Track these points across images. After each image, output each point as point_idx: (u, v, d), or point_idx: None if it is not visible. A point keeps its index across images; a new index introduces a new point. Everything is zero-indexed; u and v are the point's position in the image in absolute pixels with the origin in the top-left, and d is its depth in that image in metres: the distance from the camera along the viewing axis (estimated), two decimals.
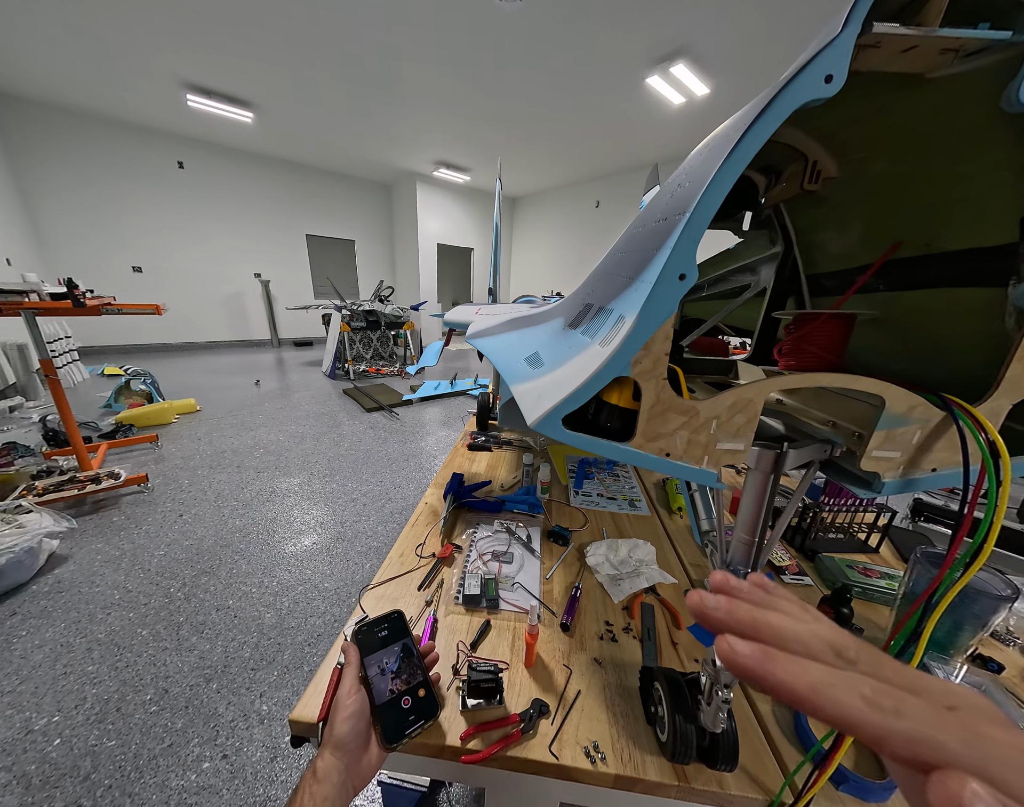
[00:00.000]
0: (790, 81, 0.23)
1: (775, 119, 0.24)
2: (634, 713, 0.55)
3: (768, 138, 0.24)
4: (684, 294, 0.27)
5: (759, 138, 0.24)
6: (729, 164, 0.24)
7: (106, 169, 5.49)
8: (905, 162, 0.34)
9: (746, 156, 0.24)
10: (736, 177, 0.25)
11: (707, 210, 0.26)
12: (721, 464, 0.33)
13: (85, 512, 2.17)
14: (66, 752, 1.10)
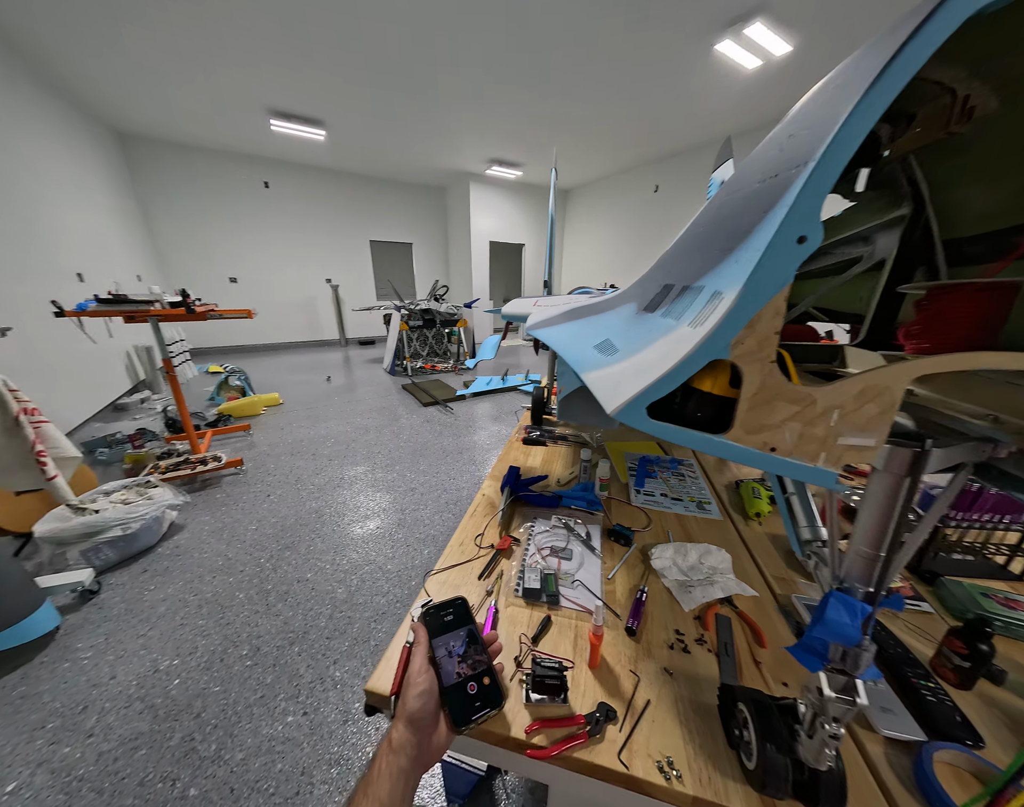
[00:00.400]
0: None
1: (940, 33, 0.19)
2: (712, 733, 0.51)
3: (926, 60, 0.19)
4: (804, 260, 0.23)
5: (916, 59, 0.19)
6: (873, 95, 0.20)
7: (206, 192, 6.34)
8: None
9: (897, 83, 0.20)
10: (882, 111, 0.20)
11: (839, 155, 0.21)
12: (843, 463, 0.28)
13: (195, 489, 2.53)
14: (183, 691, 1.29)
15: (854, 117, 0.20)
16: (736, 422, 0.28)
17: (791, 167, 0.25)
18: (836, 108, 0.22)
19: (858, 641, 0.32)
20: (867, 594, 0.33)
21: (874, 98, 0.20)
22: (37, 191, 3.33)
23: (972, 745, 0.48)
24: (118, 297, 2.20)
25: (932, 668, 0.58)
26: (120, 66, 3.73)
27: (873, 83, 0.20)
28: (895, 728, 0.50)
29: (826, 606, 0.33)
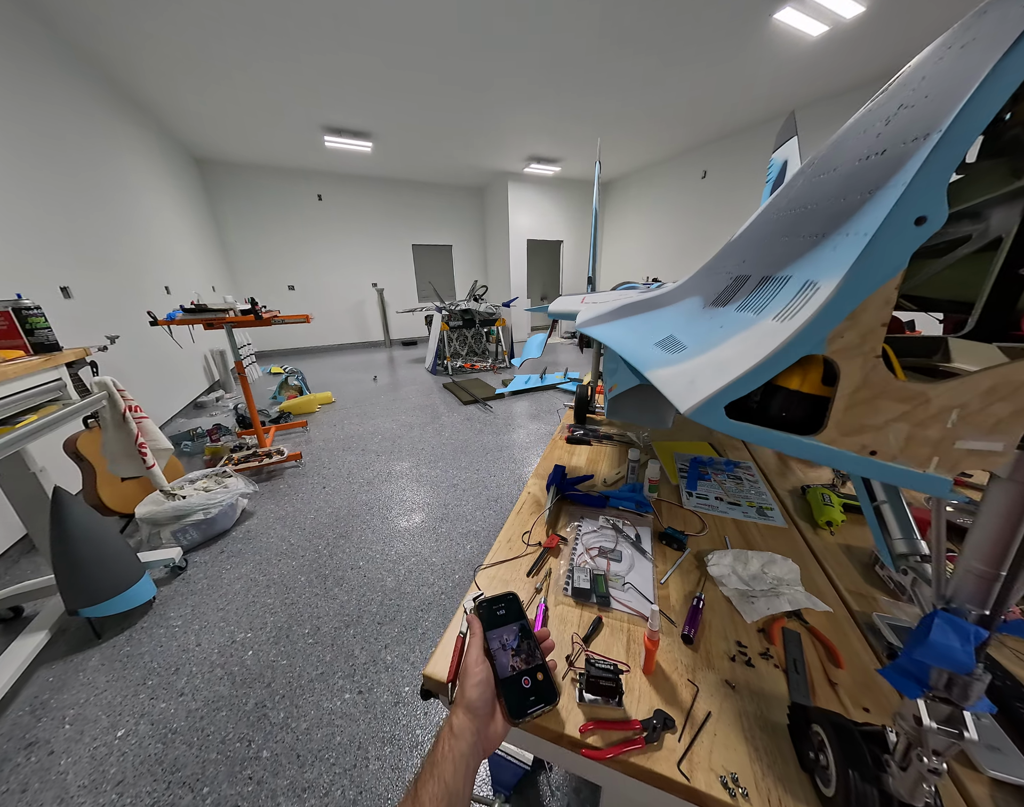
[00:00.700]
0: None
1: None
2: (782, 753, 0.48)
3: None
4: (922, 244, 0.21)
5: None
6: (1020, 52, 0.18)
7: (267, 207, 6.91)
8: None
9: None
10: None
11: (973, 124, 0.19)
12: (959, 469, 0.25)
13: (262, 479, 2.78)
14: (256, 662, 1.42)
15: (995, 78, 0.18)
16: (829, 422, 0.26)
17: (905, 140, 0.22)
18: (967, 70, 0.20)
19: (971, 668, 0.29)
20: (981, 617, 0.30)
21: (1020, 57, 0.18)
22: (134, 214, 3.81)
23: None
24: (199, 307, 2.47)
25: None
26: (197, 95, 4.17)
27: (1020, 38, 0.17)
28: (1004, 769, 0.44)
29: (930, 627, 0.30)
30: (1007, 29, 0.19)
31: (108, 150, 3.50)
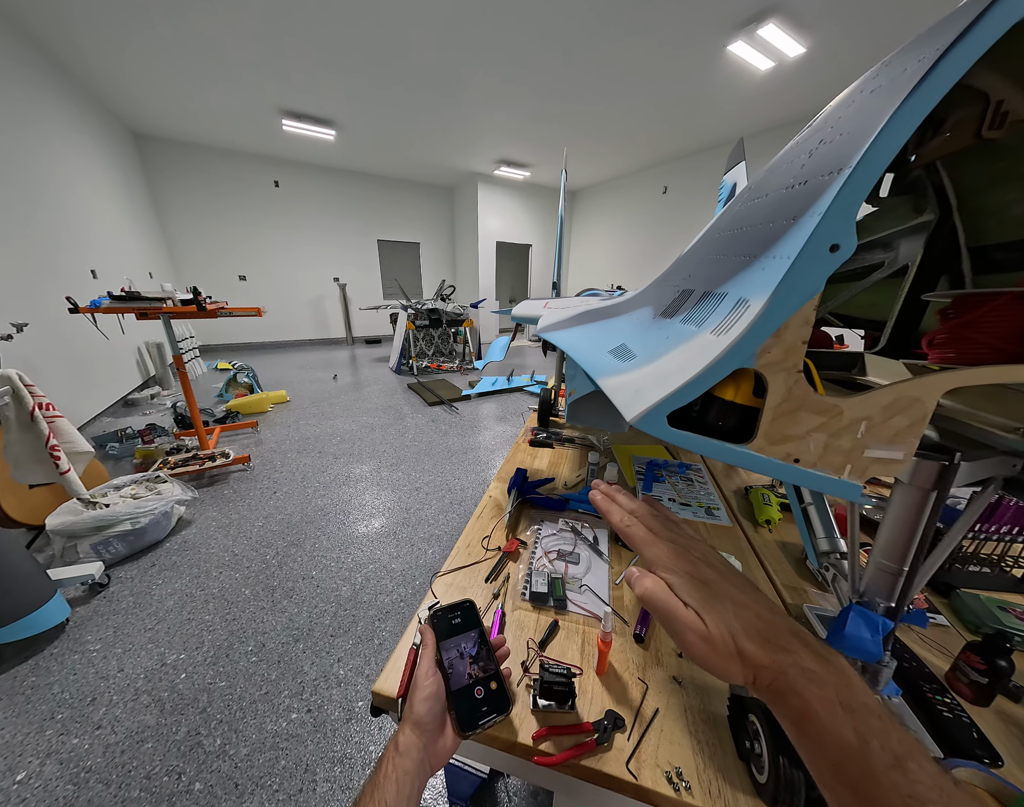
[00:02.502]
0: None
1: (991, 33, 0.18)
2: (722, 744, 0.50)
3: (974, 62, 0.19)
4: (835, 269, 0.23)
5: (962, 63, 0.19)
6: (915, 100, 0.19)
7: (218, 192, 6.42)
8: None
9: (940, 88, 0.19)
10: (923, 117, 0.20)
11: (876, 163, 0.21)
12: (868, 475, 0.27)
13: (203, 484, 2.56)
14: (189, 685, 1.30)
15: (895, 122, 0.20)
16: (759, 432, 0.28)
17: (823, 173, 0.24)
18: (873, 113, 0.22)
19: (879, 657, 0.31)
20: (888, 609, 0.33)
21: (916, 102, 0.20)
22: (53, 188, 3.39)
23: (990, 763, 0.47)
24: (131, 294, 2.23)
25: (947, 683, 0.57)
26: (137, 64, 3.79)
27: (916, 87, 0.19)
28: None
29: (846, 620, 0.33)
30: (906, 79, 0.21)
31: (18, 109, 3.08)
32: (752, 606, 0.26)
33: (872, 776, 0.21)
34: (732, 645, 0.25)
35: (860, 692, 0.23)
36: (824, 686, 0.23)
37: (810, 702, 0.23)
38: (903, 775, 0.20)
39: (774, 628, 0.25)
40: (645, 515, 0.33)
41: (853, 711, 0.22)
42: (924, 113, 0.20)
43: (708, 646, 0.25)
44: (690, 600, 0.26)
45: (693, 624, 0.25)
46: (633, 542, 0.31)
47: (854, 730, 0.22)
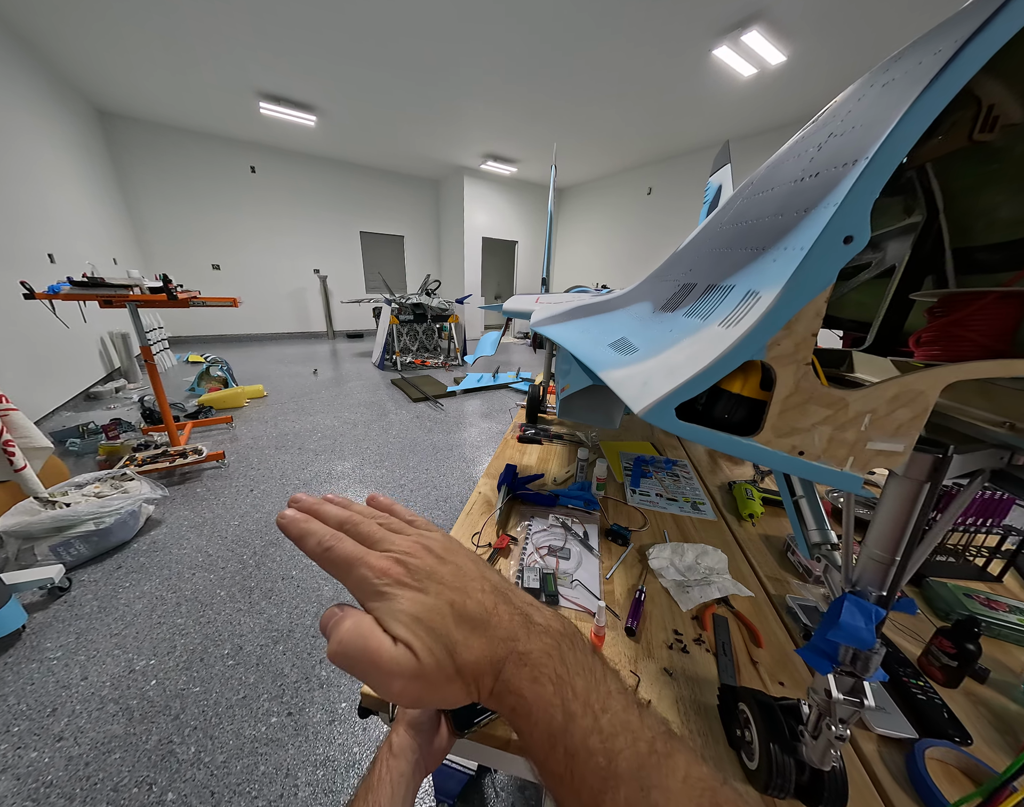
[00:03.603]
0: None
1: (1006, 31, 0.18)
2: (713, 733, 0.51)
3: (991, 55, 0.19)
4: (849, 261, 0.23)
5: (981, 55, 0.19)
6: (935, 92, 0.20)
7: (191, 176, 6.11)
8: None
9: (959, 80, 0.19)
10: (942, 107, 0.20)
11: (893, 154, 0.21)
12: (870, 467, 0.28)
13: (175, 482, 2.44)
14: (160, 692, 1.24)
15: (913, 112, 0.20)
16: (766, 425, 0.28)
17: (836, 165, 0.24)
18: (888, 105, 0.22)
19: (872, 645, 0.32)
20: (880, 598, 0.33)
21: (935, 93, 0.20)
22: (6, 165, 3.14)
23: (960, 742, 0.50)
24: (94, 280, 2.10)
25: (920, 667, 0.60)
26: (102, 39, 3.55)
27: (936, 77, 0.19)
28: (888, 726, 0.51)
29: (840, 609, 0.33)
30: (922, 71, 0.21)
31: None
32: (472, 593, 0.23)
33: (574, 751, 0.19)
34: (450, 664, 0.21)
35: (567, 656, 0.22)
36: (537, 668, 0.21)
37: (525, 697, 0.20)
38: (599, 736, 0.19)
39: (496, 611, 0.22)
40: (360, 521, 0.25)
41: (559, 683, 0.20)
42: (943, 104, 0.20)
43: (421, 683, 0.20)
44: (402, 621, 0.21)
45: (399, 668, 0.20)
46: (337, 566, 0.23)
47: (562, 708, 0.20)
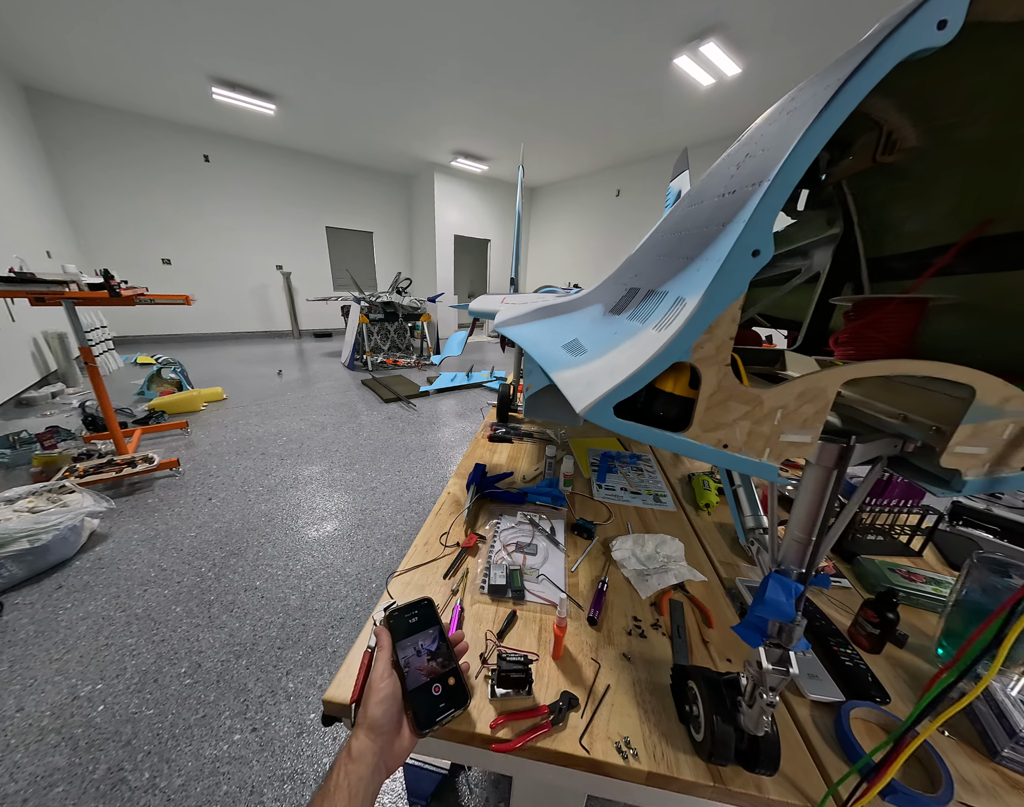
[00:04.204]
0: (897, 27, 0.21)
1: (877, 72, 0.21)
2: (666, 711, 0.54)
3: (866, 94, 0.22)
4: (757, 272, 0.25)
5: (858, 93, 0.22)
6: (820, 123, 0.22)
7: (136, 163, 5.67)
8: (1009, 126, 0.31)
9: (841, 113, 0.22)
10: (827, 138, 0.22)
11: (789, 177, 0.23)
12: (784, 457, 0.31)
13: (122, 493, 2.27)
14: (109, 718, 1.16)
15: (804, 141, 0.23)
16: (694, 421, 0.30)
17: (748, 184, 0.27)
18: (788, 133, 0.24)
19: (793, 617, 0.36)
20: (800, 575, 0.37)
21: (822, 125, 0.22)
22: None
23: (881, 701, 0.56)
24: (22, 276, 1.91)
25: (850, 636, 0.66)
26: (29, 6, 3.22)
27: (822, 111, 0.22)
28: (820, 692, 0.56)
29: (766, 587, 0.37)
30: (815, 103, 0.24)
31: None
32: None
33: None
34: None
35: None
36: None
37: None
38: None
39: None
40: None
41: None
42: (829, 134, 0.23)
43: None
44: None
45: None
46: None
47: None
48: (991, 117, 0.32)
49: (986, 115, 0.32)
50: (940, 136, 0.35)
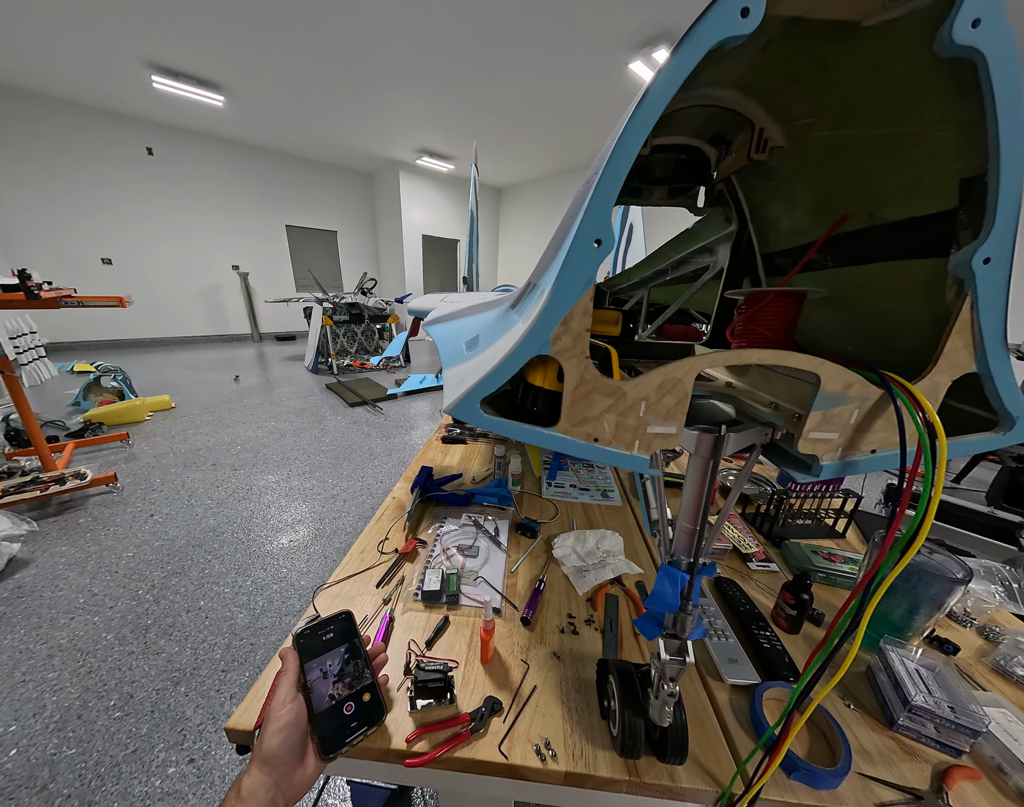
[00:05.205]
0: (702, 16, 0.21)
1: (688, 60, 0.21)
2: (589, 707, 0.54)
3: (679, 84, 0.22)
4: (601, 262, 0.25)
5: (671, 83, 0.21)
6: (639, 115, 0.22)
7: (71, 156, 5.23)
8: (847, 125, 0.32)
9: (657, 105, 0.22)
10: (648, 129, 0.22)
11: (617, 169, 0.23)
12: (653, 449, 0.31)
13: (49, 514, 2.08)
14: (22, 763, 1.05)
15: (625, 134, 0.22)
16: (562, 415, 0.30)
17: (593, 175, 0.26)
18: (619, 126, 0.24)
19: (676, 607, 0.36)
20: (689, 564, 0.37)
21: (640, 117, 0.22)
22: None
23: (794, 680, 0.58)
24: None
25: (772, 620, 0.69)
26: None
27: (638, 103, 0.22)
28: (737, 676, 0.58)
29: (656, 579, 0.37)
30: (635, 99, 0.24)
31: None
32: None
33: None
34: None
35: None
36: None
37: None
38: None
39: None
40: None
41: None
42: (648, 125, 0.22)
43: None
44: None
45: None
46: None
47: None
48: (831, 119, 0.33)
49: (826, 116, 0.33)
50: (799, 136, 0.36)
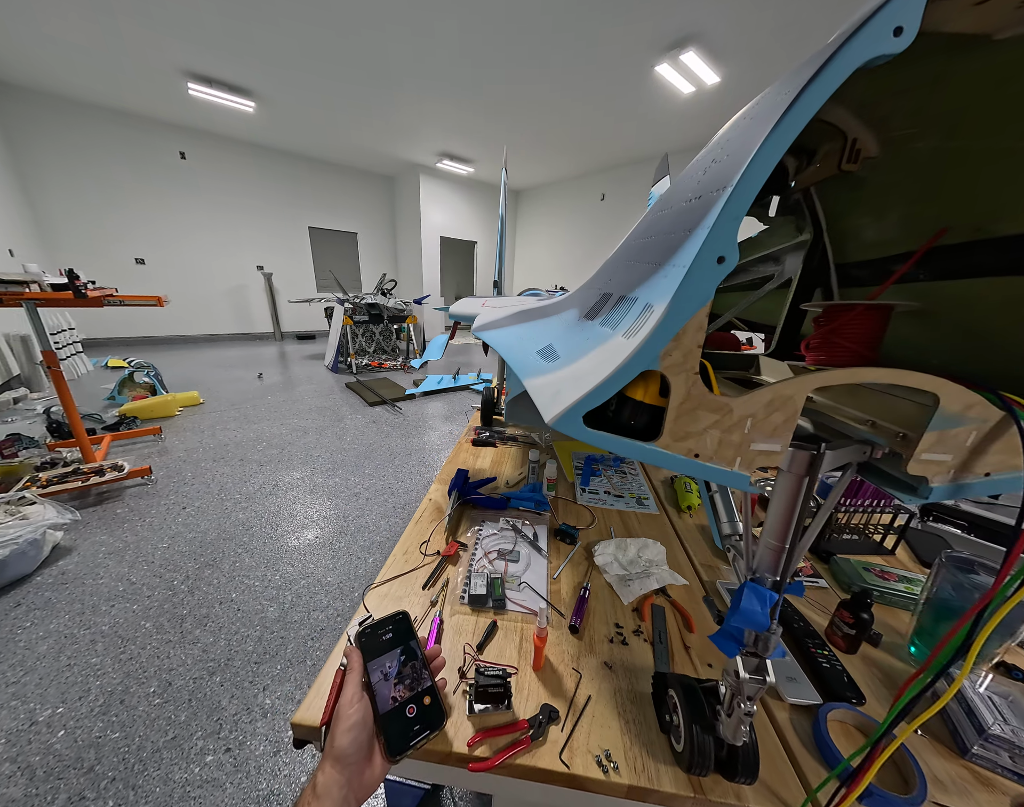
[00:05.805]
0: (854, 33, 0.20)
1: (835, 78, 0.21)
2: (647, 720, 0.53)
3: (825, 100, 0.21)
4: (722, 279, 0.25)
5: (816, 100, 0.21)
6: (780, 130, 0.22)
7: (107, 160, 5.46)
8: (959, 138, 0.31)
9: (800, 120, 0.22)
10: (788, 145, 0.22)
11: (752, 184, 0.23)
12: (754, 466, 0.30)
13: (89, 504, 2.17)
14: (70, 744, 1.10)
15: (765, 148, 0.22)
16: (665, 430, 0.29)
17: (713, 190, 0.26)
18: (751, 139, 0.24)
19: (767, 627, 0.35)
20: (775, 582, 0.37)
21: (782, 132, 0.22)
22: None
23: (856, 702, 0.56)
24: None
25: (827, 637, 0.67)
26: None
27: (781, 118, 0.22)
28: (798, 695, 0.56)
29: (741, 596, 0.36)
30: (774, 110, 0.23)
31: None
32: None
33: None
34: None
35: None
36: None
37: None
38: None
39: None
40: None
41: None
42: (789, 141, 0.22)
43: None
44: None
45: None
46: None
47: None
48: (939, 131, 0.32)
49: (934, 128, 0.32)
50: (898, 147, 0.35)
